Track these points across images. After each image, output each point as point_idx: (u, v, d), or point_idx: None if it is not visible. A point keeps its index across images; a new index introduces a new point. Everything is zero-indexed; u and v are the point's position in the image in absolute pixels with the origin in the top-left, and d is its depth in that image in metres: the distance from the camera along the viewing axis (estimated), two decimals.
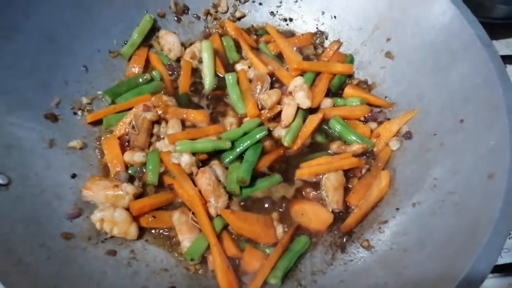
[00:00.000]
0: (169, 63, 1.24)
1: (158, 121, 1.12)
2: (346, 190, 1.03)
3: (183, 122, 1.12)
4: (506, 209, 0.76)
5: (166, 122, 1.12)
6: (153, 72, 1.21)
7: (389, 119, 1.13)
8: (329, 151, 1.10)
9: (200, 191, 0.98)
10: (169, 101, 1.15)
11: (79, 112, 1.12)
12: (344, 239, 0.97)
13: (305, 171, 1.05)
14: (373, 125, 1.13)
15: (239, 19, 1.34)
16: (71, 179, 1.01)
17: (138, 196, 1.00)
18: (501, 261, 1.06)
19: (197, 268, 0.93)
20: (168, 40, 1.24)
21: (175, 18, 1.30)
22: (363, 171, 1.06)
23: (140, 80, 1.20)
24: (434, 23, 1.05)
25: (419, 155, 1.01)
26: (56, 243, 0.87)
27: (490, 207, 0.78)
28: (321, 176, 1.03)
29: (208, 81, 1.20)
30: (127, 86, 1.18)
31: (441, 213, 0.88)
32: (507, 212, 0.76)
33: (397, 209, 0.97)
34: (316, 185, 1.03)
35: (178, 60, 1.25)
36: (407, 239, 0.89)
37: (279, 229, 0.97)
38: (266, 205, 1.02)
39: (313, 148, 1.11)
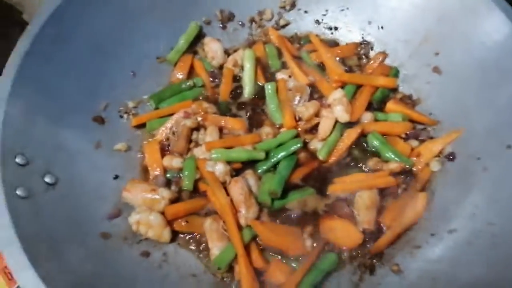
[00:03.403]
0: (211, 70, 1.27)
1: (197, 127, 1.15)
2: (380, 210, 1.00)
3: (221, 130, 1.15)
4: None
5: (205, 129, 1.15)
6: (196, 79, 1.25)
7: (432, 137, 1.08)
8: (365, 168, 1.07)
9: (232, 200, 1.00)
10: (209, 108, 1.18)
11: (125, 116, 1.18)
12: (374, 261, 0.95)
13: (338, 186, 1.04)
14: (414, 143, 1.08)
15: (283, 27, 1.33)
16: (113, 180, 1.07)
17: (174, 201, 1.03)
18: None
19: (224, 276, 0.95)
20: (212, 48, 1.27)
21: (221, 25, 1.32)
22: (400, 191, 1.03)
23: (183, 86, 1.23)
24: (486, 39, 0.99)
25: (461, 179, 0.97)
26: (94, 242, 0.93)
27: None
28: (355, 193, 1.01)
29: (248, 90, 1.21)
30: (170, 91, 1.22)
31: (477, 243, 0.84)
32: None
33: (432, 234, 0.94)
34: (349, 202, 1.02)
35: (221, 67, 1.27)
36: (438, 267, 0.86)
37: (308, 243, 0.96)
38: (297, 218, 1.02)
39: (349, 163, 1.09)
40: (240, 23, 1.32)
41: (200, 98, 1.22)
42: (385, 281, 0.91)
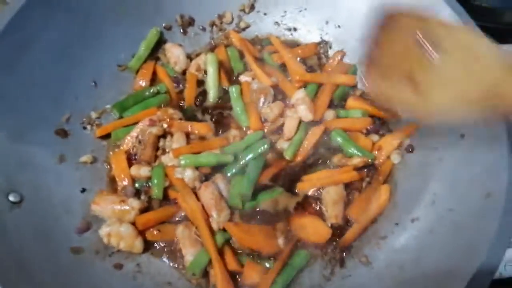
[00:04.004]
0: (175, 75, 1.27)
1: (164, 134, 1.15)
2: (347, 204, 1.04)
3: (188, 135, 1.15)
4: (502, 231, 0.77)
5: (172, 135, 1.15)
6: (159, 85, 1.24)
7: (391, 131, 1.13)
8: (330, 164, 1.11)
9: (203, 206, 1.01)
10: (174, 114, 1.17)
11: (88, 127, 1.16)
12: (344, 254, 0.99)
13: (306, 184, 1.07)
14: (375, 137, 1.13)
15: (244, 29, 1.35)
16: (81, 193, 1.06)
17: (144, 210, 1.03)
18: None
19: (199, 281, 0.96)
20: (174, 53, 1.26)
21: (181, 31, 1.32)
22: (364, 184, 1.07)
23: (147, 93, 1.22)
24: None
25: (420, 170, 1.02)
26: (65, 258, 0.92)
27: (486, 228, 0.79)
28: (321, 190, 1.04)
29: (212, 94, 1.22)
30: (134, 99, 1.21)
31: (439, 230, 0.89)
32: (502, 235, 0.77)
33: (396, 224, 0.98)
34: (317, 199, 1.05)
35: (184, 72, 1.27)
36: (404, 256, 0.90)
37: (281, 241, 0.99)
38: (268, 218, 1.04)
39: (315, 161, 1.12)
40: (201, 27, 1.33)
41: (163, 105, 1.22)
42: (355, 272, 0.95)
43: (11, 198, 0.91)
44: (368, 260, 0.95)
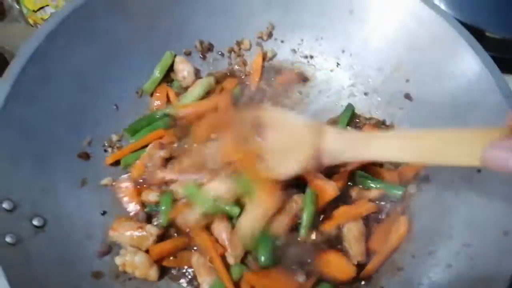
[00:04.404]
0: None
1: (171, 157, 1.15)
2: (367, 237, 1.04)
3: None
4: None
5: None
6: (169, 107, 1.24)
7: None
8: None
9: (217, 239, 1.01)
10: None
11: (110, 150, 1.18)
12: (361, 283, 0.99)
13: (331, 223, 1.04)
14: (390, 167, 1.14)
15: (271, 59, 1.37)
16: (101, 215, 1.08)
17: (161, 236, 1.04)
18: None
19: None
20: (182, 67, 1.29)
21: (201, 56, 1.35)
22: (383, 216, 1.08)
23: (156, 115, 1.23)
24: (455, 70, 1.06)
25: (437, 202, 1.03)
26: (87, 283, 0.94)
27: (504, 266, 0.80)
28: (342, 228, 1.03)
29: None
30: (144, 122, 1.22)
31: (456, 266, 0.89)
32: None
33: (413, 256, 0.99)
34: (336, 236, 1.04)
35: None
36: None
37: (301, 279, 0.98)
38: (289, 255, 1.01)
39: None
40: (220, 53, 1.36)
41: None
42: None
43: (35, 222, 0.93)
44: None
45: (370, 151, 0.86)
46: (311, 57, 1.36)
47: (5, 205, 0.88)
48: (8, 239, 0.84)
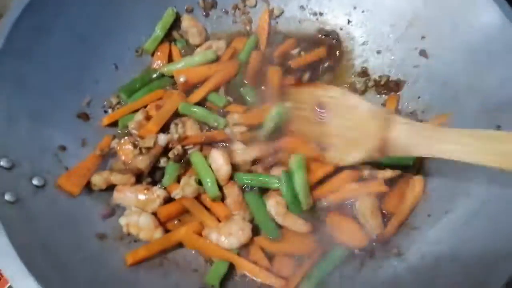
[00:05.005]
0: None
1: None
2: (381, 199, 1.01)
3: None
4: None
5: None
6: (165, 67, 1.19)
7: (421, 121, 1.10)
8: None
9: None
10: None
11: (110, 111, 1.14)
12: (374, 244, 0.96)
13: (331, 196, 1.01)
14: None
15: (278, 16, 1.29)
16: None
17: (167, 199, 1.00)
18: None
19: None
20: (190, 25, 1.23)
21: (203, 13, 1.28)
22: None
23: (153, 75, 1.18)
24: (473, 22, 1.00)
25: (452, 161, 0.99)
26: (91, 245, 0.90)
27: None
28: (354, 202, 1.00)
29: None
30: (140, 82, 1.17)
31: (474, 223, 0.86)
32: None
33: (429, 215, 0.95)
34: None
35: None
36: (439, 248, 0.88)
37: (315, 240, 0.96)
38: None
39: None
40: (224, 10, 1.29)
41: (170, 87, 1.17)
42: (386, 264, 0.93)
43: (35, 181, 0.89)
44: (400, 251, 0.93)
45: (447, 150, 0.79)
46: (321, 14, 1.29)
47: (3, 163, 0.84)
48: (7, 197, 0.80)
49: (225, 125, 1.08)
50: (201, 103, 1.13)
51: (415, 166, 1.04)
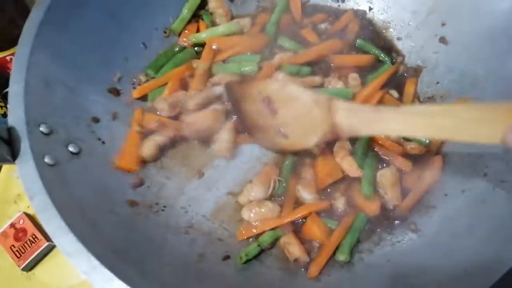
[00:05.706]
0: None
1: None
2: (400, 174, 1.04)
3: None
4: None
5: None
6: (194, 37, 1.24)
7: None
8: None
9: None
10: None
11: (139, 88, 1.17)
12: (395, 222, 1.00)
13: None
14: None
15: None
16: None
17: None
18: None
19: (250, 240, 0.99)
20: (216, 6, 1.27)
21: None
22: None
23: (176, 49, 1.23)
24: (494, 8, 1.03)
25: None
26: (122, 210, 0.94)
27: None
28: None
29: None
30: (165, 58, 1.21)
31: (491, 201, 0.89)
32: None
33: (446, 195, 0.98)
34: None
35: None
36: (456, 224, 0.91)
37: (340, 203, 1.01)
38: None
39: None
40: None
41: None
42: (404, 238, 0.96)
43: (70, 148, 0.93)
44: (417, 228, 0.96)
45: (386, 126, 0.84)
46: (343, 0, 1.32)
47: (42, 128, 0.88)
48: (47, 159, 0.84)
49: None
50: None
51: (434, 147, 1.07)
